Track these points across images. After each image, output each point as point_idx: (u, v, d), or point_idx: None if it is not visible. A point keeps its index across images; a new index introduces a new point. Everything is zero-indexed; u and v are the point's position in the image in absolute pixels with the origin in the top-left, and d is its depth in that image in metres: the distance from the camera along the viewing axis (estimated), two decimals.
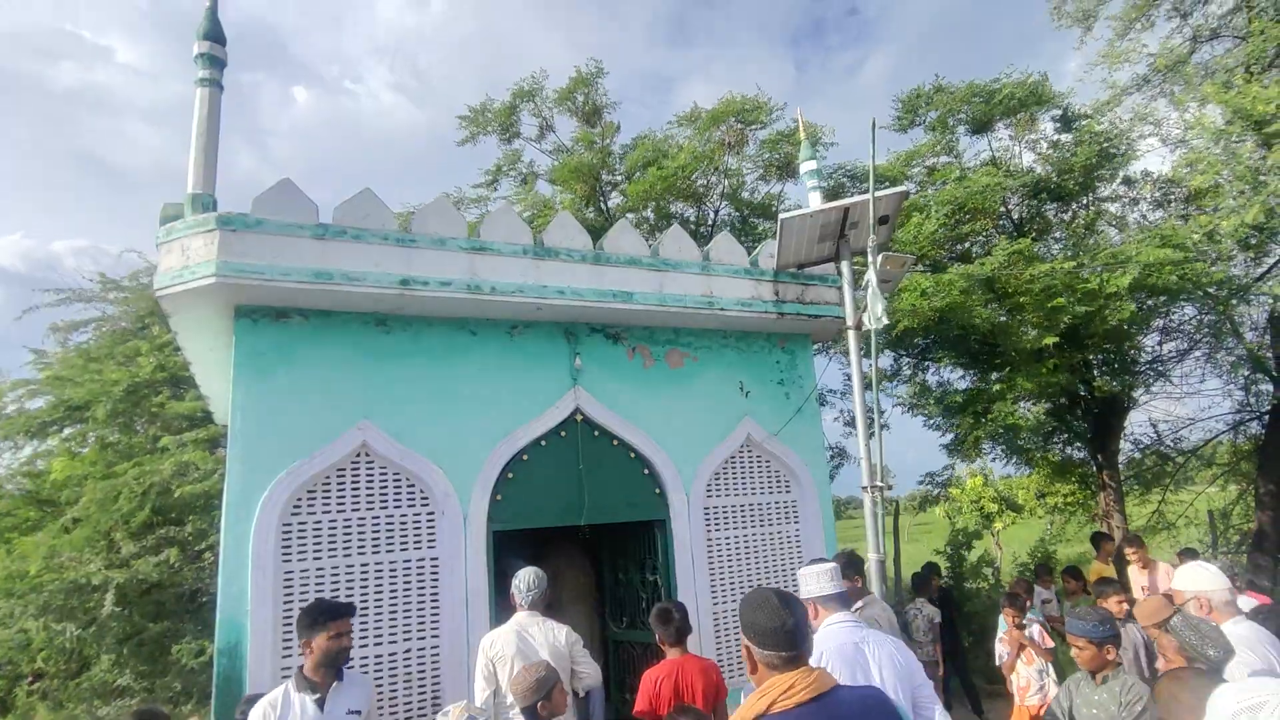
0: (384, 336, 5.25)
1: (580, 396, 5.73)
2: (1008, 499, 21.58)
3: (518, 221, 5.51)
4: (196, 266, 4.56)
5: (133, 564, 10.53)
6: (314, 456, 4.84)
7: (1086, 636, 3.36)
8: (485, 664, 4.15)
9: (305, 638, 3.44)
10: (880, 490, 5.30)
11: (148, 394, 11.56)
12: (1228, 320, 10.49)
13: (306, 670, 3.42)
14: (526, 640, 4.15)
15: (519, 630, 4.18)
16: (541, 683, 3.46)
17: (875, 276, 4.90)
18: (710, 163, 10.92)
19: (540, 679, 3.47)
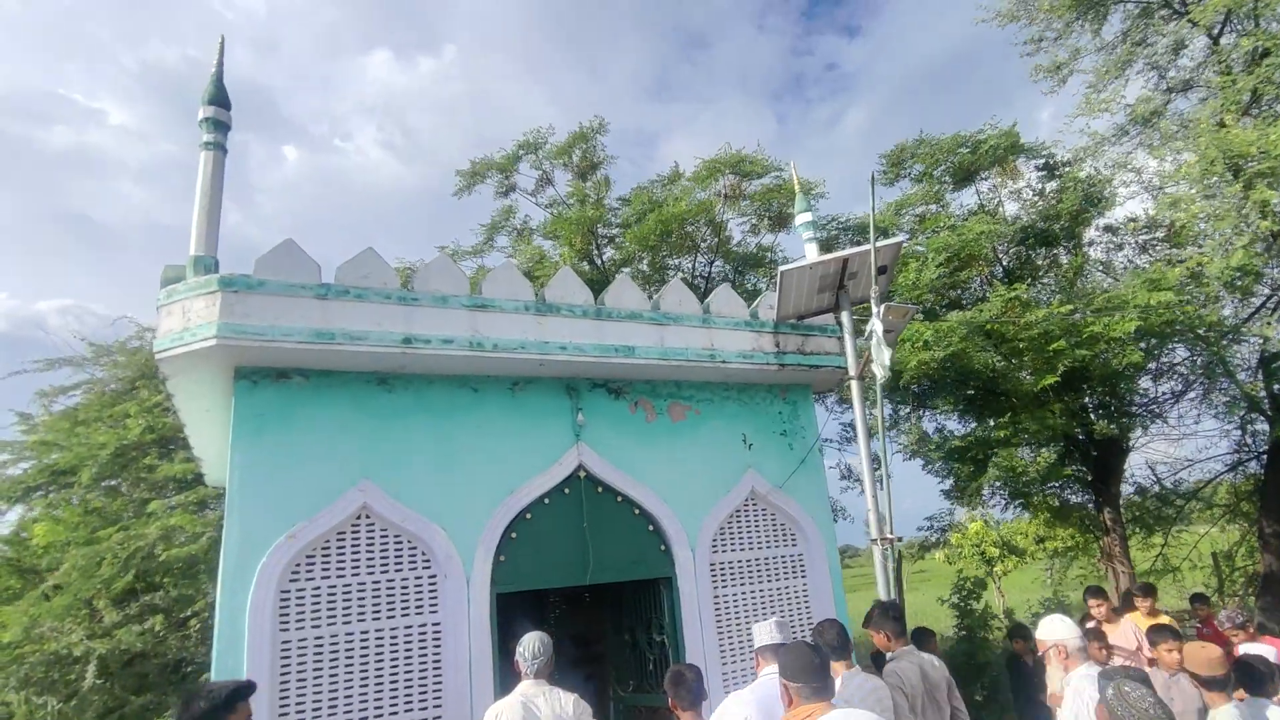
0: (385, 395, 5.19)
1: (583, 452, 5.66)
2: (1009, 544, 21.36)
3: (519, 278, 5.53)
4: (197, 328, 4.51)
5: (115, 634, 10.20)
6: (314, 520, 4.72)
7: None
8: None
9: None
10: (890, 542, 5.22)
11: (136, 456, 11.37)
12: (1220, 361, 10.59)
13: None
14: (532, 711, 3.99)
15: (525, 701, 4.02)
16: None
17: (880, 326, 4.91)
18: (707, 214, 11.07)
19: None
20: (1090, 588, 6.98)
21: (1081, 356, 8.86)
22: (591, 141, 12.86)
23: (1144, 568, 11.89)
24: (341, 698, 4.55)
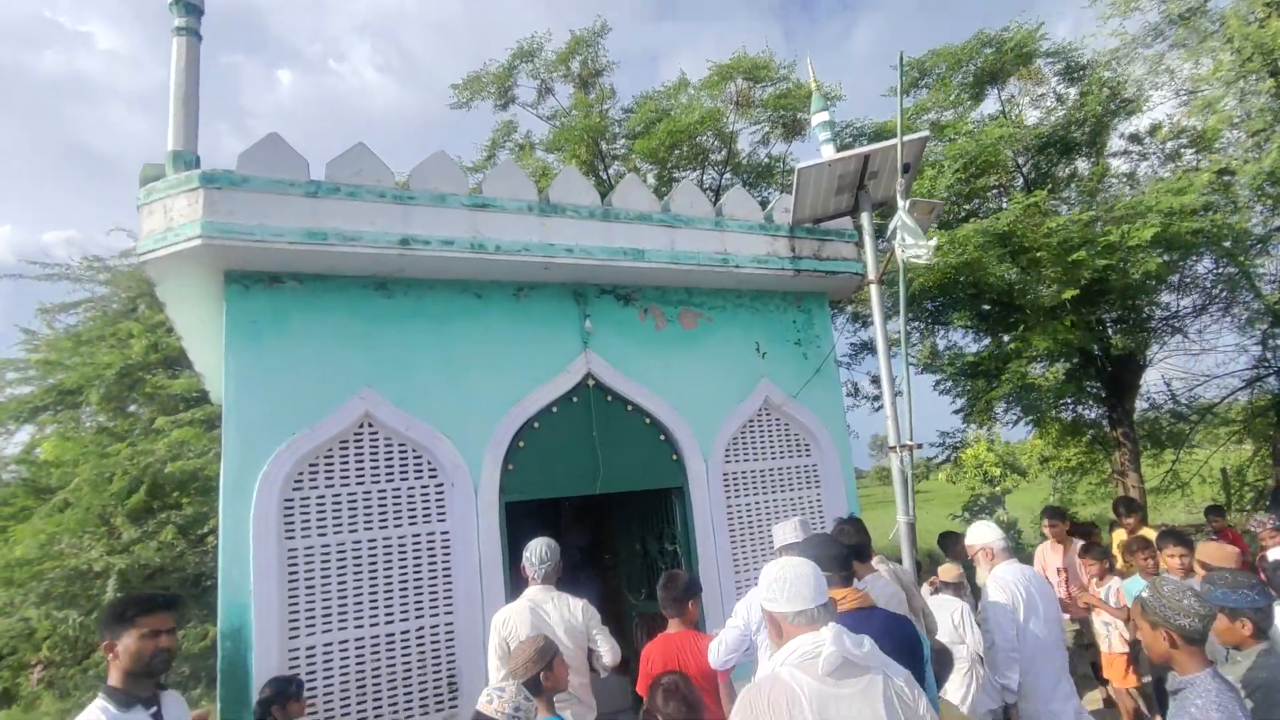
0: (384, 300, 4.97)
1: (592, 360, 5.47)
2: (1011, 463, 21.47)
3: (522, 177, 5.21)
4: (181, 228, 4.26)
5: (134, 549, 10.35)
6: (315, 428, 4.58)
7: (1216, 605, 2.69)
8: (499, 643, 3.88)
9: (108, 638, 2.50)
10: (910, 450, 5.07)
11: (141, 376, 11.30)
12: (1244, 273, 10.24)
13: (116, 682, 2.49)
14: (541, 616, 3.91)
15: (533, 606, 3.93)
16: (542, 652, 3.18)
17: (907, 219, 4.61)
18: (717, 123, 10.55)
19: (541, 649, 3.20)
20: (1047, 508, 6.75)
21: (1101, 266, 8.53)
22: (593, 47, 12.18)
23: (1153, 484, 11.85)
24: (351, 605, 4.51)
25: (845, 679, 1.95)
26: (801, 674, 1.95)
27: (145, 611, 2.51)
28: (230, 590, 4.22)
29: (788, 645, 2.04)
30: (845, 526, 3.75)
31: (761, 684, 2.01)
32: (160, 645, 2.52)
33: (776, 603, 2.11)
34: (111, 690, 2.47)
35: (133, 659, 2.48)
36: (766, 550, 5.86)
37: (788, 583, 2.10)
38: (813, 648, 1.98)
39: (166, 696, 2.64)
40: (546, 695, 3.10)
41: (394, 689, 4.51)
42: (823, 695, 1.91)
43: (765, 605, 2.16)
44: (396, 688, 4.51)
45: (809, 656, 1.97)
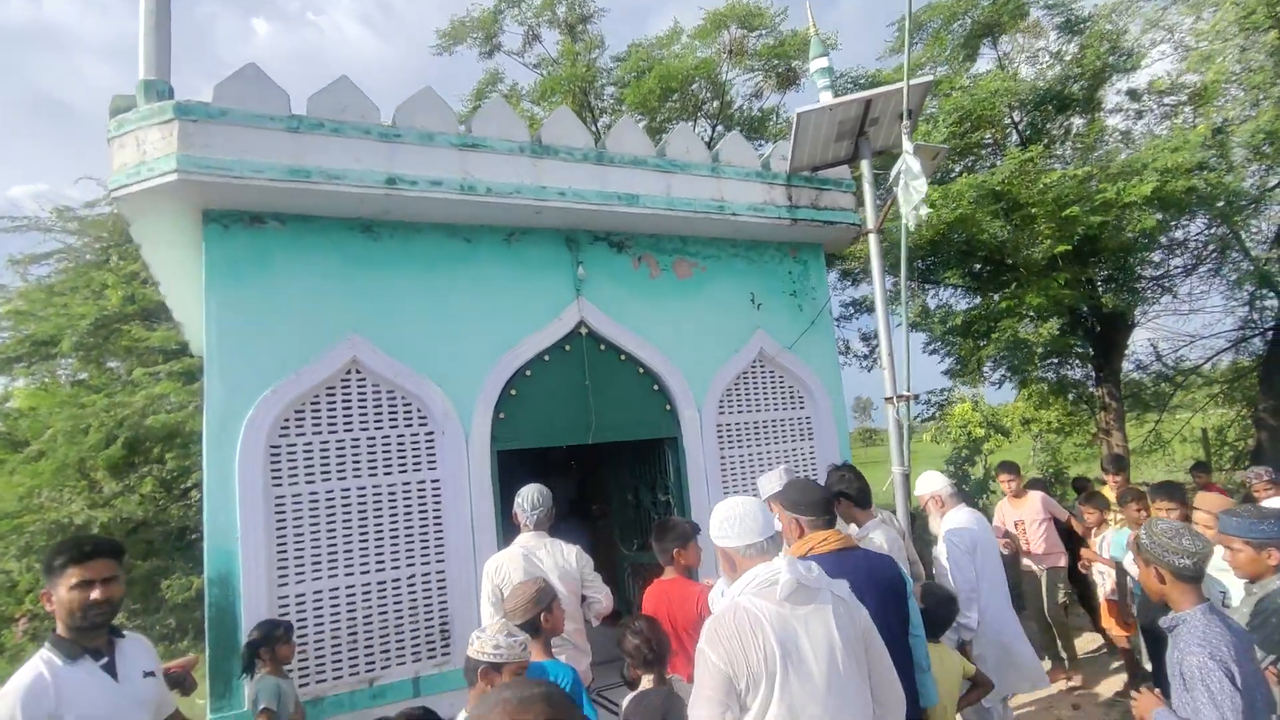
0: (370, 243, 4.80)
1: (584, 308, 5.35)
2: (995, 424, 21.70)
3: (513, 117, 5.02)
4: (155, 162, 4.05)
5: (115, 503, 10.24)
6: (300, 373, 4.45)
7: (1243, 537, 2.81)
8: (492, 589, 3.83)
9: (46, 587, 2.35)
10: (908, 400, 5.03)
11: (118, 328, 11.04)
12: (1235, 234, 10.23)
13: (62, 632, 2.34)
14: (534, 563, 3.85)
15: (525, 552, 3.88)
16: (541, 595, 3.13)
17: (913, 162, 4.49)
18: (710, 72, 10.27)
19: (540, 590, 3.16)
20: (1002, 463, 6.59)
21: (1095, 223, 8.46)
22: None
23: (1135, 445, 11.99)
24: (341, 553, 4.44)
25: (800, 603, 2.09)
26: (761, 600, 2.07)
27: (75, 560, 2.32)
28: (216, 535, 4.13)
29: (744, 576, 2.16)
30: (844, 473, 3.70)
31: (724, 613, 2.10)
32: (92, 597, 2.32)
33: (729, 539, 2.22)
34: (57, 640, 2.32)
35: (65, 610, 2.31)
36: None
37: (738, 519, 2.22)
38: (768, 575, 2.11)
39: (124, 644, 2.48)
40: (545, 638, 3.06)
41: (385, 636, 4.47)
42: (782, 618, 2.05)
43: (718, 542, 2.26)
44: (388, 635, 4.47)
45: (766, 584, 2.10)
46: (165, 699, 2.62)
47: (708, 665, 2.03)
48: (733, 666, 2.00)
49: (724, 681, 2.00)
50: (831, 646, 2.06)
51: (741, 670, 1.99)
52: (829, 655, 2.05)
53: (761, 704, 1.99)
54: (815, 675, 2.02)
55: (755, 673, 1.99)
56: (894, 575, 2.65)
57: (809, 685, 2.01)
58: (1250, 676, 2.21)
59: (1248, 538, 2.83)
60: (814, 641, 2.05)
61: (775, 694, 1.98)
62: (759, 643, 2.00)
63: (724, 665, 2.00)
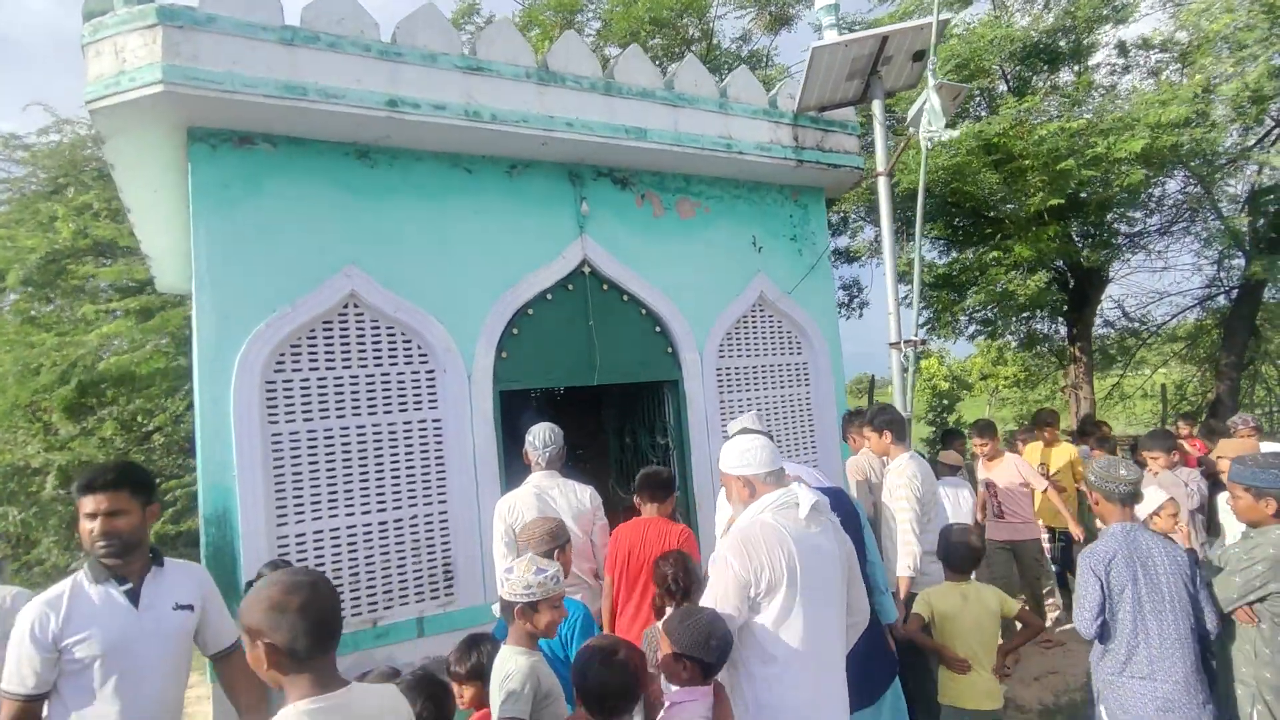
0: (368, 171, 4.54)
1: (588, 246, 5.18)
2: (960, 378, 22.24)
3: (519, 39, 4.74)
4: (136, 71, 3.72)
5: (73, 446, 9.85)
6: (296, 306, 4.23)
7: (1243, 484, 2.91)
8: (505, 530, 3.75)
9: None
10: (914, 345, 5.03)
11: (69, 263, 10.45)
12: (1207, 192, 10.42)
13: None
14: (547, 502, 3.78)
15: (538, 492, 3.80)
16: (556, 532, 3.13)
17: (936, 98, 4.39)
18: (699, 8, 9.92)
19: (555, 528, 3.15)
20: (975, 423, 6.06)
21: (1087, 177, 8.51)
22: None
23: (1100, 397, 12.36)
24: (342, 493, 4.30)
25: (813, 523, 2.38)
26: (784, 519, 2.34)
27: (83, 490, 2.27)
28: (212, 471, 3.95)
29: (763, 499, 2.41)
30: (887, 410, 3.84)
31: (751, 527, 2.34)
32: (97, 529, 2.25)
33: (750, 467, 2.46)
34: (94, 563, 2.30)
35: (83, 538, 2.30)
36: None
37: (756, 449, 2.48)
38: (786, 498, 2.39)
39: (162, 572, 2.39)
40: None
41: (388, 577, 4.37)
42: (799, 534, 2.32)
43: (738, 470, 2.48)
44: (391, 575, 4.38)
45: (785, 505, 2.37)
46: (221, 630, 2.52)
47: (729, 571, 2.26)
48: (753, 574, 2.23)
49: (740, 588, 2.24)
50: (834, 558, 2.38)
51: (763, 576, 2.23)
52: (833, 565, 2.38)
53: (782, 604, 2.25)
54: (824, 583, 2.32)
55: (776, 578, 2.24)
56: (849, 507, 2.99)
57: (820, 591, 2.30)
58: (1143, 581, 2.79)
59: (1248, 485, 2.92)
60: (823, 556, 2.35)
61: (796, 596, 2.25)
62: (783, 553, 2.25)
63: (744, 573, 2.23)
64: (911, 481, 3.85)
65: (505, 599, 2.49)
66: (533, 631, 2.45)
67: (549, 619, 2.46)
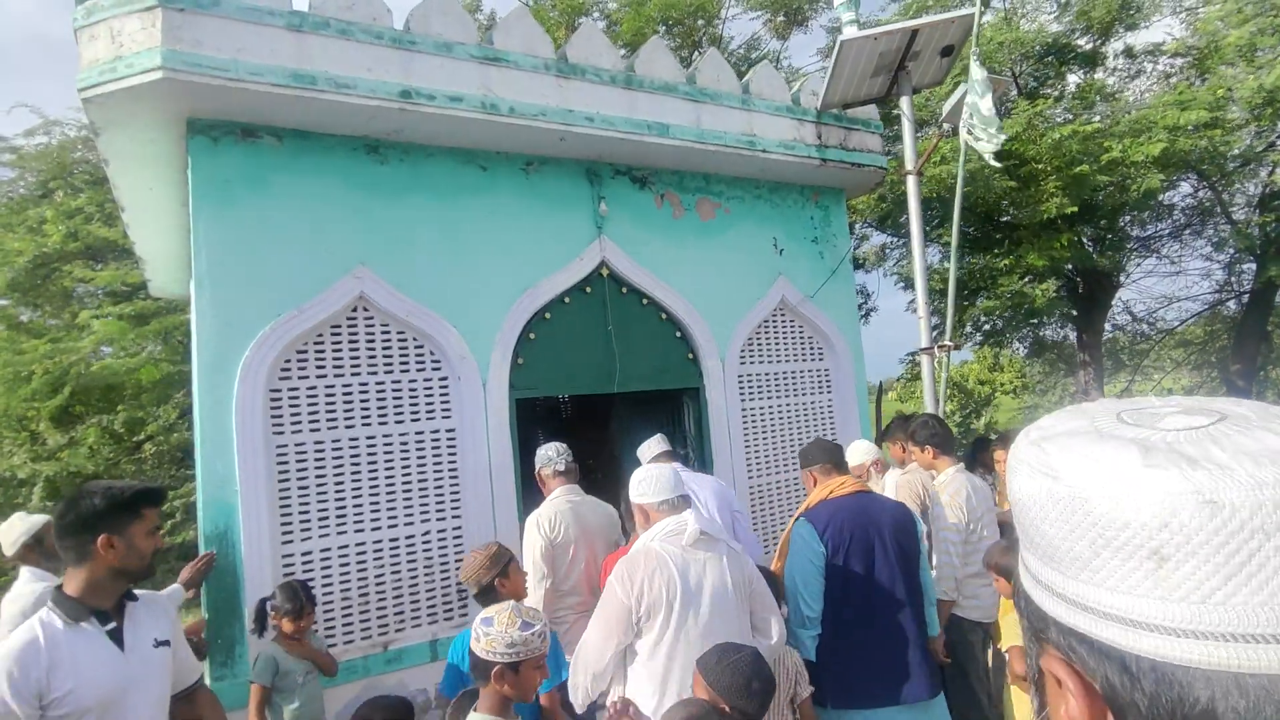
0: (378, 167, 4.30)
1: (606, 248, 4.96)
2: (960, 384, 22.07)
3: (537, 29, 4.52)
4: (134, 57, 3.48)
5: (62, 456, 9.53)
6: (303, 310, 3.98)
7: None
8: (545, 545, 3.41)
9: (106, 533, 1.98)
10: (948, 350, 4.82)
11: (59, 266, 10.15)
12: (1219, 198, 10.31)
13: (75, 590, 1.99)
14: (583, 516, 3.55)
15: (572, 504, 3.56)
16: (497, 557, 2.88)
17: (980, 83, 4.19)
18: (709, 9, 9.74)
19: (496, 553, 2.90)
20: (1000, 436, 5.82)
21: (1103, 182, 8.36)
22: None
23: None
24: (350, 508, 4.04)
25: (699, 549, 2.50)
26: (669, 544, 2.47)
27: (153, 502, 2.12)
28: (213, 486, 3.69)
29: (655, 526, 2.54)
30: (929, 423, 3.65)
31: (636, 554, 2.49)
32: (158, 543, 2.16)
33: (646, 496, 2.60)
34: (63, 599, 1.98)
35: (136, 559, 2.05)
36: (780, 457, 5.62)
37: (654, 480, 2.61)
38: (676, 525, 2.51)
39: (136, 608, 2.12)
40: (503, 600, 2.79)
41: (399, 597, 4.11)
42: (684, 559, 2.45)
43: (636, 499, 2.63)
44: (402, 596, 4.12)
45: (673, 533, 2.49)
46: (186, 667, 2.28)
47: (613, 597, 2.41)
48: (634, 599, 2.38)
49: (623, 614, 2.38)
50: (724, 585, 2.47)
51: (643, 601, 2.37)
52: (721, 592, 2.46)
53: (660, 626, 2.38)
54: (705, 605, 2.42)
55: (656, 601, 2.38)
56: (904, 515, 3.06)
57: (700, 612, 2.41)
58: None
59: None
60: (709, 580, 2.45)
61: (674, 618, 2.38)
62: (663, 578, 2.39)
63: (627, 599, 2.38)
64: (955, 499, 3.65)
65: (481, 657, 2.09)
66: (510, 696, 2.09)
67: (531, 682, 2.12)
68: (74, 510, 2.00)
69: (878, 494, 3.18)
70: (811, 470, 3.20)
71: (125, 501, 2.03)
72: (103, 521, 1.99)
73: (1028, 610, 0.58)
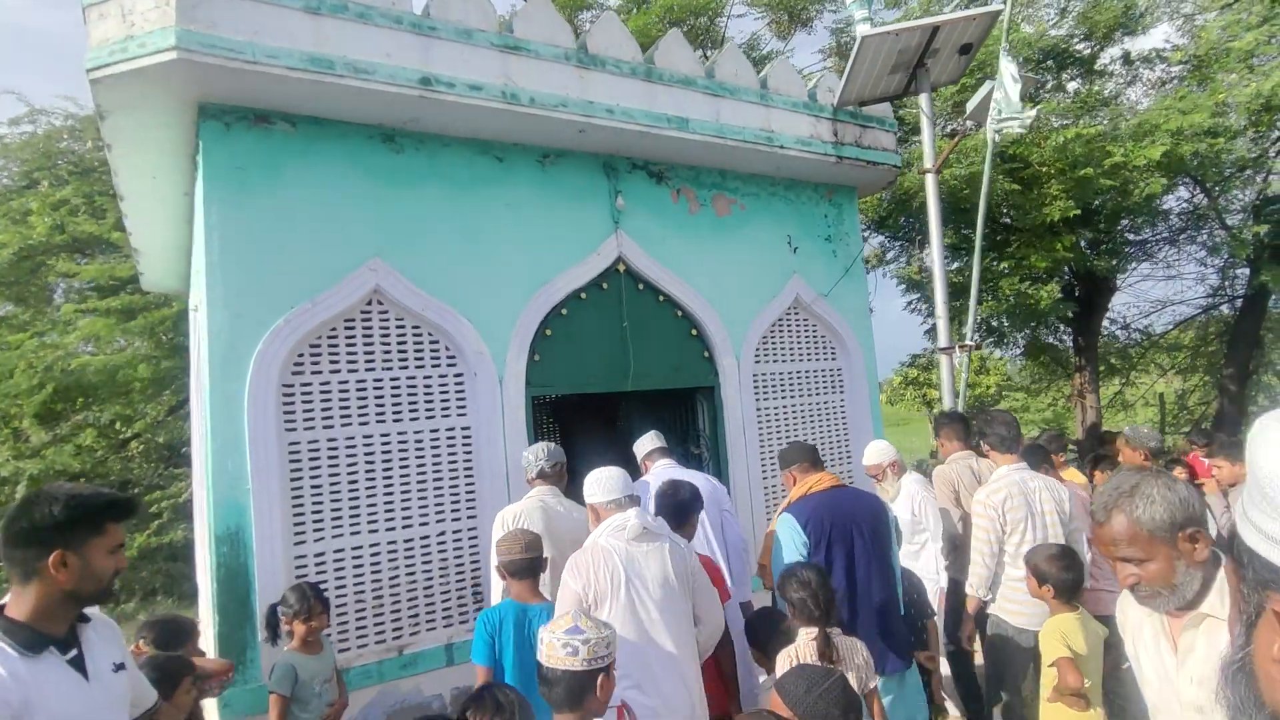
0: (393, 157, 4.18)
1: (623, 243, 4.86)
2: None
3: (558, 18, 4.42)
4: (146, 37, 3.34)
5: (45, 454, 9.29)
6: (317, 302, 3.85)
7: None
8: None
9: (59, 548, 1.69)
10: (970, 349, 4.77)
11: (44, 259, 9.90)
12: (1214, 204, 10.39)
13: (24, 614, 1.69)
14: (552, 519, 3.38)
15: (544, 506, 3.40)
16: (534, 544, 2.89)
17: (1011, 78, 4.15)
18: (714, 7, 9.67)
19: (534, 539, 2.92)
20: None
21: (1106, 186, 8.39)
22: None
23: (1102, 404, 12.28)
24: (364, 507, 3.91)
25: (643, 542, 2.69)
26: (614, 540, 2.68)
27: (121, 516, 1.81)
28: (224, 484, 3.55)
29: (603, 523, 2.75)
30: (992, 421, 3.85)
31: (585, 549, 2.72)
32: (121, 564, 1.82)
33: (596, 496, 2.83)
34: (15, 627, 1.66)
35: (94, 582, 1.75)
36: None
37: (604, 481, 2.83)
38: (621, 522, 2.71)
39: (89, 632, 1.83)
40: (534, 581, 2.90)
41: (414, 600, 3.99)
42: (629, 553, 2.65)
43: (588, 499, 2.86)
44: (417, 599, 4.00)
45: (619, 529, 2.69)
46: (141, 692, 2.01)
47: (565, 587, 2.64)
48: (585, 590, 2.59)
49: (575, 602, 2.56)
50: (666, 575, 2.66)
51: (589, 591, 2.59)
52: (663, 581, 2.65)
53: (608, 612, 2.56)
54: (648, 594, 2.62)
55: (600, 592, 2.59)
56: (878, 505, 3.25)
57: (644, 601, 2.61)
58: None
59: None
60: (650, 570, 2.65)
61: (620, 605, 2.58)
62: (609, 569, 2.61)
63: (578, 589, 2.59)
64: (991, 497, 3.60)
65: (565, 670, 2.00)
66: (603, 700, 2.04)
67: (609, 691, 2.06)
68: (27, 517, 1.68)
69: (852, 487, 3.41)
70: (791, 470, 3.40)
71: (88, 514, 1.72)
72: (59, 535, 1.67)
73: (1254, 564, 0.73)
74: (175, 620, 2.95)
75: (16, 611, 1.68)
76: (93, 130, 10.48)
